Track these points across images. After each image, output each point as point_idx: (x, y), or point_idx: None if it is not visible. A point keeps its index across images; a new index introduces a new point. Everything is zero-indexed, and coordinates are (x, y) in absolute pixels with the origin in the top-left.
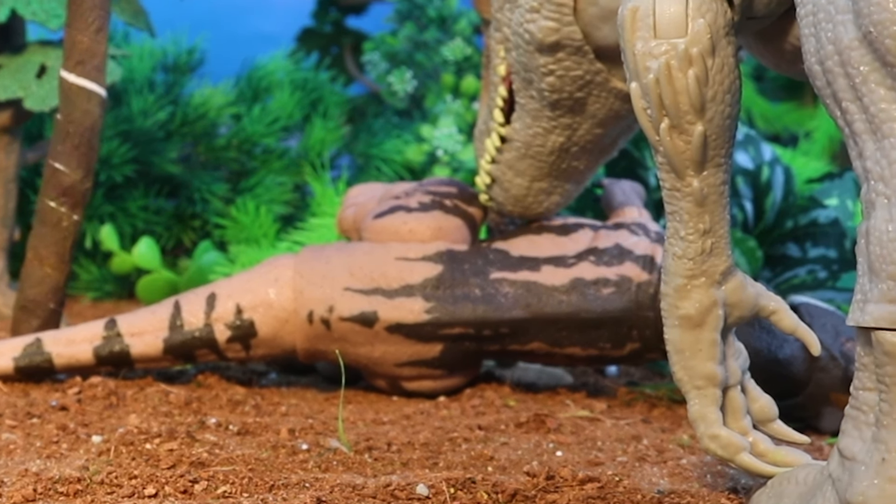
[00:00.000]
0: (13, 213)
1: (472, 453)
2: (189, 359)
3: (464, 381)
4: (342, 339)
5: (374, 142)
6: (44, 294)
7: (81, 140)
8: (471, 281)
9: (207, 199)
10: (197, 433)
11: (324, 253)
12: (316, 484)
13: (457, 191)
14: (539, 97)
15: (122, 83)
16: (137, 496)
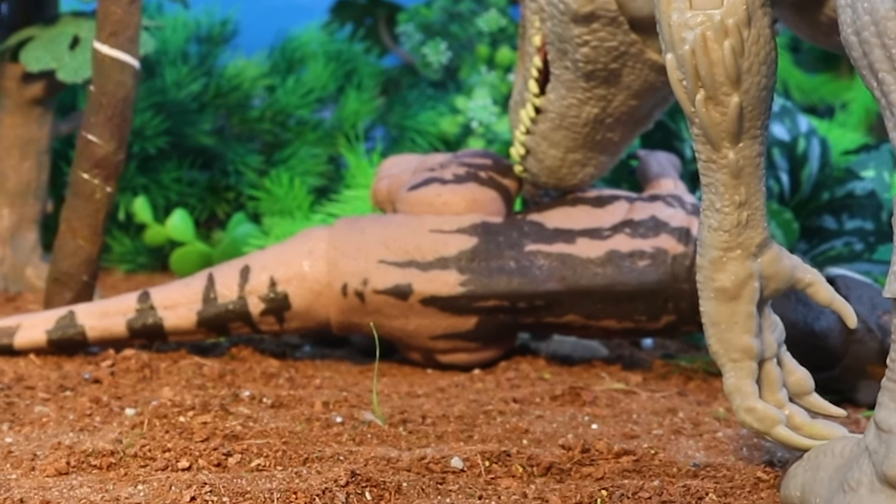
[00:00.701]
0: (46, 185)
1: (507, 426)
2: (223, 332)
3: (498, 354)
4: (376, 311)
5: (409, 113)
6: (77, 266)
7: (114, 111)
8: (506, 253)
9: (241, 170)
10: (230, 406)
11: (358, 225)
12: (350, 457)
13: (491, 162)
14: (574, 68)
15: (156, 54)
16: (171, 469)
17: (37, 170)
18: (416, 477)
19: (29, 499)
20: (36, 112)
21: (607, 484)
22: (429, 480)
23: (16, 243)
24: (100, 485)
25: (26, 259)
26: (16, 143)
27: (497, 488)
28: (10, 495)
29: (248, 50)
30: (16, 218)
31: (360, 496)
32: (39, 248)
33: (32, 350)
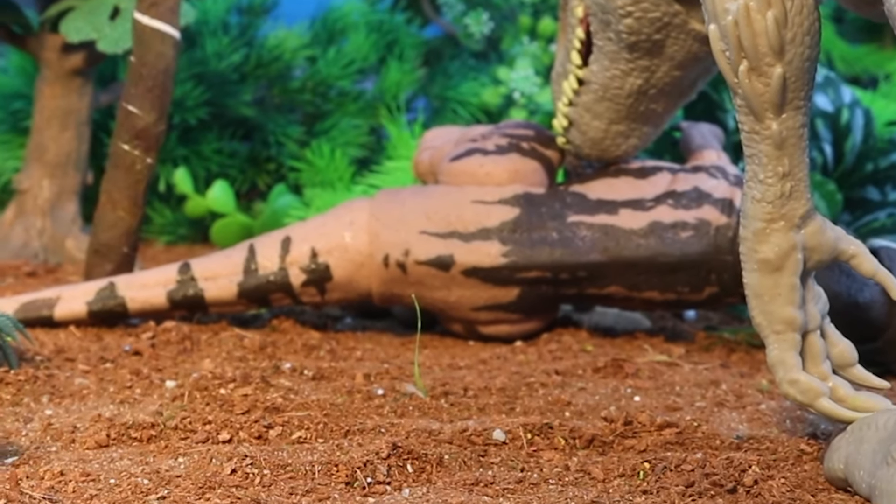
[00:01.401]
0: (86, 156)
1: (550, 398)
2: (263, 303)
3: (541, 326)
4: (418, 282)
5: (451, 84)
6: (117, 238)
7: (155, 82)
8: (548, 224)
9: (282, 141)
10: (271, 378)
11: (399, 196)
12: (391, 429)
13: (534, 133)
14: (617, 39)
15: (196, 25)
16: (211, 441)
17: (77, 141)
18: (457, 449)
19: (69, 471)
20: (76, 83)
21: (650, 456)
22: (470, 453)
23: (56, 215)
24: (140, 457)
25: (66, 230)
26: (56, 114)
27: (539, 461)
28: (50, 468)
29: (290, 20)
30: (56, 189)
31: (401, 469)
32: (79, 219)
33: (72, 322)
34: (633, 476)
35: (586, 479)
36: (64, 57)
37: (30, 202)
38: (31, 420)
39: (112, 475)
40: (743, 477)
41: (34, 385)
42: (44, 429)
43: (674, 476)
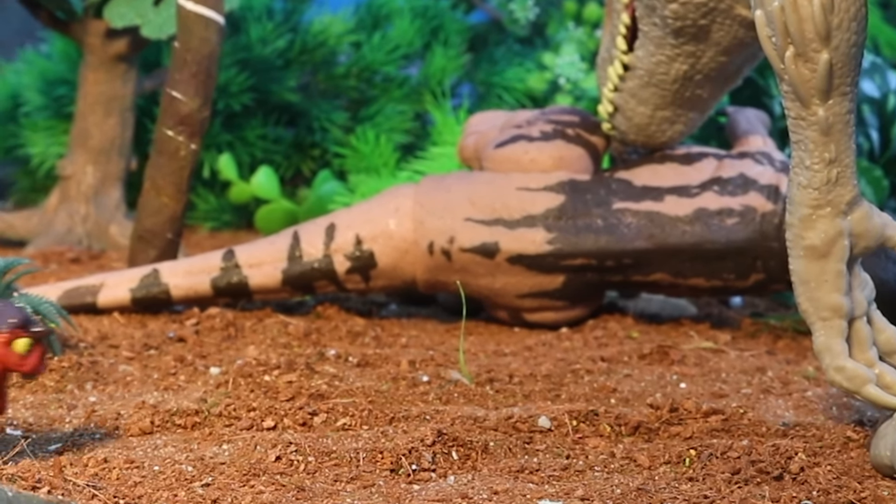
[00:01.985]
0: (130, 142)
1: (595, 385)
2: (308, 290)
3: (586, 313)
4: (463, 270)
5: (496, 70)
6: (161, 224)
7: (199, 68)
8: (593, 211)
9: (327, 127)
10: (316, 365)
11: (444, 182)
12: (437, 416)
13: (579, 119)
14: (662, 24)
15: (241, 10)
16: (256, 428)
17: (121, 127)
18: (503, 436)
19: (113, 458)
20: (120, 69)
21: (695, 443)
22: (516, 440)
23: (99, 201)
24: (184, 444)
25: (110, 217)
26: (99, 99)
27: (584, 448)
28: (94, 454)
29: (334, 6)
30: (100, 175)
31: (446, 456)
32: (123, 205)
33: (116, 308)
34: (679, 463)
35: (632, 466)
36: (108, 42)
37: (73, 188)
38: (75, 407)
39: (156, 462)
40: (789, 464)
41: (78, 372)
42: (87, 416)
43: (720, 463)
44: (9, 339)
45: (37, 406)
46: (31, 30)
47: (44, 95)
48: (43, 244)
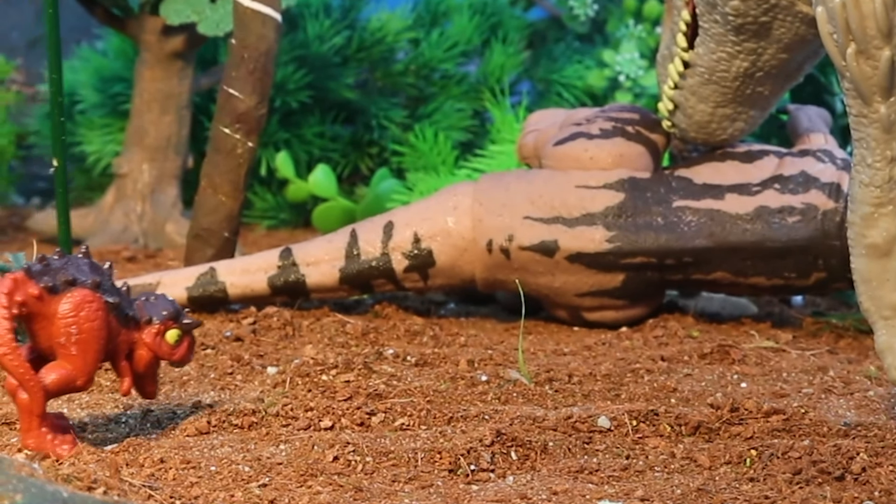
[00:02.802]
0: (186, 139)
1: (655, 385)
2: (366, 289)
3: (646, 312)
4: (522, 268)
5: (555, 67)
6: (218, 222)
7: (256, 65)
8: (653, 209)
9: (385, 125)
10: (374, 364)
11: (503, 181)
12: (495, 416)
13: (639, 117)
14: (723, 21)
15: (298, 7)
16: (313, 428)
17: (177, 124)
18: (562, 436)
19: (169, 458)
20: (176, 66)
21: (756, 444)
22: (575, 440)
23: (156, 199)
24: (241, 444)
25: (167, 215)
26: (156, 97)
27: (644, 448)
28: (150, 455)
29: (392, 2)
30: (156, 173)
31: (505, 456)
32: (180, 203)
33: None
34: (740, 463)
35: (692, 466)
36: (164, 39)
37: (130, 186)
38: (131, 407)
39: (213, 462)
40: (851, 464)
41: None
42: (144, 415)
43: (781, 463)
44: (161, 329)
45: (93, 406)
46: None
47: (100, 93)
48: (99, 243)
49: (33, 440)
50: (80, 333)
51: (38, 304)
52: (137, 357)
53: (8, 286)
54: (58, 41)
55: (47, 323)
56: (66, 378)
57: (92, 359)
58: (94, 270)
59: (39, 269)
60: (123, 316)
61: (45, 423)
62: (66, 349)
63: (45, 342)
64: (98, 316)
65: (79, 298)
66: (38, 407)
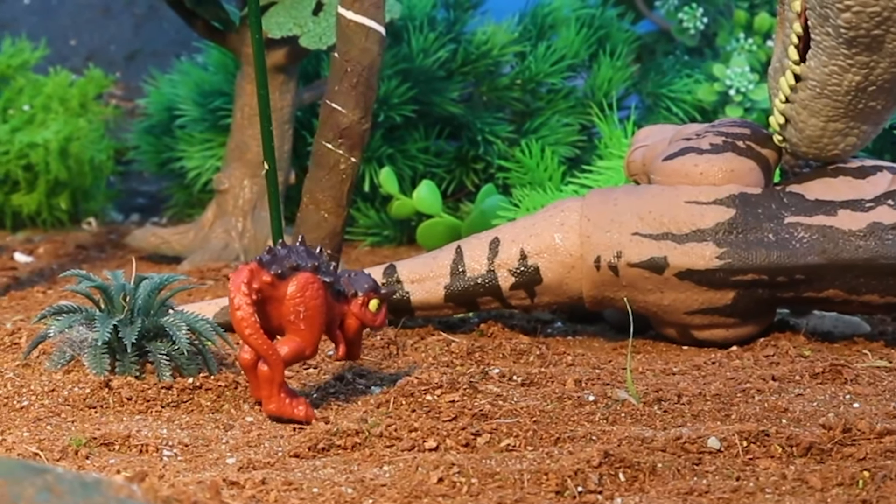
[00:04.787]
0: (288, 155)
1: (766, 405)
2: (471, 306)
3: (757, 330)
4: (630, 285)
5: (664, 81)
6: (320, 239)
7: (359, 79)
8: (764, 225)
9: (490, 140)
10: (479, 384)
11: (611, 196)
12: (603, 437)
13: (750, 132)
14: (835, 34)
15: (402, 20)
16: (417, 449)
17: (279, 140)
18: (671, 457)
19: (271, 479)
20: (278, 80)
21: (869, 465)
22: (684, 461)
23: (257, 216)
24: (344, 465)
25: (268, 232)
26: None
27: (755, 469)
28: (251, 476)
29: (498, 15)
30: (257, 189)
31: (613, 477)
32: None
33: None
34: (853, 485)
35: (804, 487)
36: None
37: (230, 203)
38: (232, 427)
39: (315, 484)
40: None
41: (234, 391)
42: (244, 436)
43: (894, 485)
44: (365, 300)
45: (192, 426)
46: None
47: (200, 107)
48: (199, 260)
49: (275, 405)
50: (306, 311)
51: (270, 289)
52: (347, 326)
53: (246, 276)
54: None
55: (278, 304)
56: (297, 349)
57: (317, 332)
58: (311, 256)
59: (269, 259)
60: (336, 292)
61: (283, 391)
62: (296, 325)
63: (275, 321)
64: (319, 294)
65: (303, 281)
66: (279, 376)
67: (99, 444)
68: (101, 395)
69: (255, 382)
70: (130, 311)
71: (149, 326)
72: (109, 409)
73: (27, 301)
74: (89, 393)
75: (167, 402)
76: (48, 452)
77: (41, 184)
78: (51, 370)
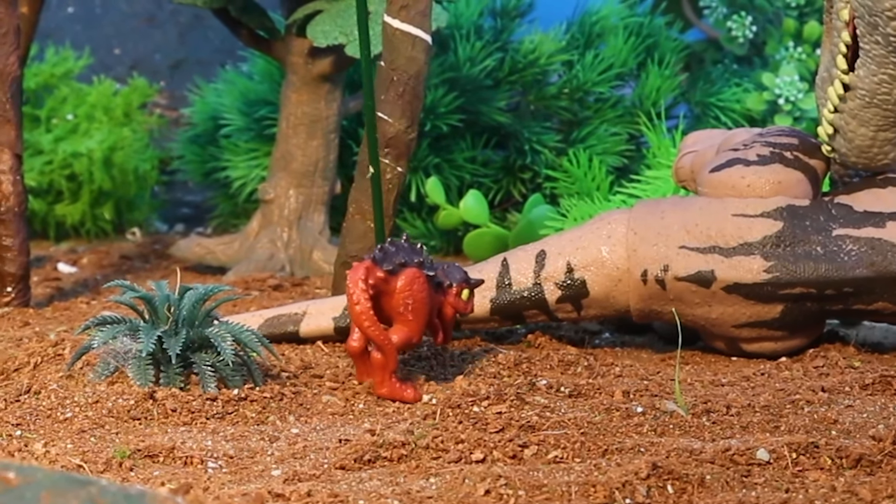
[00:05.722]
0: (334, 164)
1: (815, 416)
2: (517, 319)
3: (806, 342)
4: (678, 299)
5: (712, 90)
6: (366, 250)
7: (406, 88)
8: (812, 238)
9: (538, 149)
10: (527, 395)
11: (658, 208)
12: (651, 448)
13: (798, 142)
14: (885, 43)
15: (448, 29)
16: (464, 461)
17: (325, 149)
18: (720, 469)
19: (316, 492)
20: (323, 89)
21: None
22: (733, 473)
23: (303, 226)
24: (390, 478)
25: (313, 242)
26: (303, 121)
27: (805, 481)
28: (296, 489)
29: (545, 24)
30: (303, 199)
31: (661, 489)
32: (327, 230)
33: (319, 338)
34: None
35: (854, 500)
36: (311, 62)
37: (276, 213)
38: (277, 439)
39: (361, 496)
40: None
41: (280, 403)
42: (290, 448)
43: None
44: (458, 290)
45: (237, 438)
46: (231, 49)
47: (245, 116)
48: (244, 270)
49: (387, 389)
50: (414, 303)
51: (383, 284)
52: (444, 314)
53: (363, 273)
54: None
55: (389, 297)
56: (407, 338)
57: (423, 321)
58: (416, 252)
59: (381, 256)
60: (436, 284)
61: (395, 376)
62: (405, 316)
63: (386, 312)
64: (424, 287)
65: (411, 276)
66: (392, 363)
67: (143, 456)
68: (145, 406)
69: (360, 368)
70: (175, 322)
71: (193, 337)
72: (154, 421)
73: (71, 312)
74: (133, 404)
75: (212, 414)
76: (92, 464)
77: (85, 194)
78: (95, 381)
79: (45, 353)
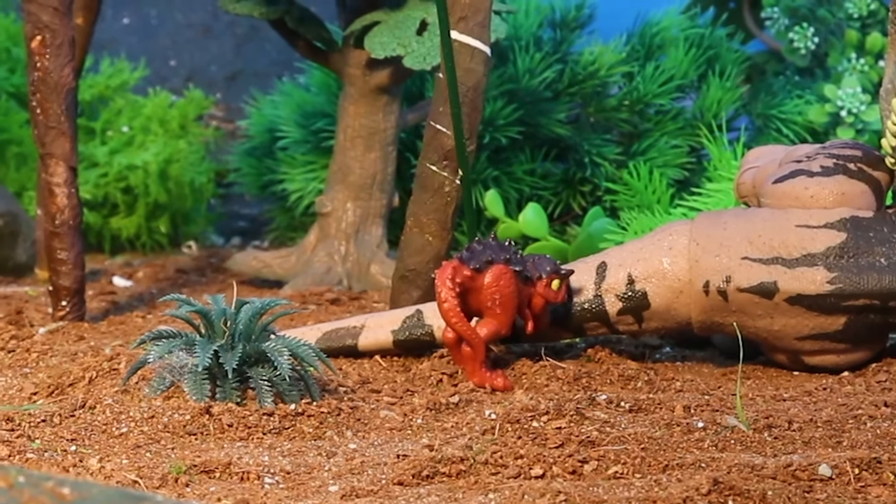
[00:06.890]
0: (392, 177)
1: (878, 431)
2: (578, 332)
3: (869, 356)
4: (740, 310)
5: (774, 102)
6: (425, 263)
7: (464, 100)
8: (876, 249)
9: (598, 162)
10: (586, 410)
11: (720, 219)
12: (712, 464)
13: (861, 154)
14: None
15: (507, 40)
16: (524, 477)
17: (382, 162)
18: (781, 485)
19: None
20: (381, 101)
21: None
22: (795, 489)
23: (360, 239)
24: (448, 493)
25: (371, 255)
26: (360, 133)
27: (867, 497)
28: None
29: (605, 35)
30: (360, 212)
31: None
32: (385, 243)
33: (378, 351)
34: None
35: None
36: (369, 73)
37: (333, 226)
38: (335, 454)
39: None
40: None
41: (337, 418)
42: (347, 463)
43: None
44: (548, 281)
45: (295, 453)
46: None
47: (302, 129)
48: (301, 284)
49: (478, 378)
50: (501, 298)
51: (470, 281)
52: (534, 304)
53: (450, 273)
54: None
55: (476, 293)
56: (494, 331)
57: (511, 314)
58: (503, 250)
59: (468, 255)
60: (524, 277)
61: (485, 365)
62: (493, 310)
63: (474, 308)
64: (511, 282)
65: (497, 273)
66: (481, 355)
67: (199, 472)
68: (201, 421)
69: (457, 356)
70: (231, 337)
71: (250, 352)
72: (210, 436)
73: (126, 326)
74: (189, 419)
75: (269, 429)
76: (147, 480)
77: (140, 207)
78: (150, 396)
79: (101, 367)
